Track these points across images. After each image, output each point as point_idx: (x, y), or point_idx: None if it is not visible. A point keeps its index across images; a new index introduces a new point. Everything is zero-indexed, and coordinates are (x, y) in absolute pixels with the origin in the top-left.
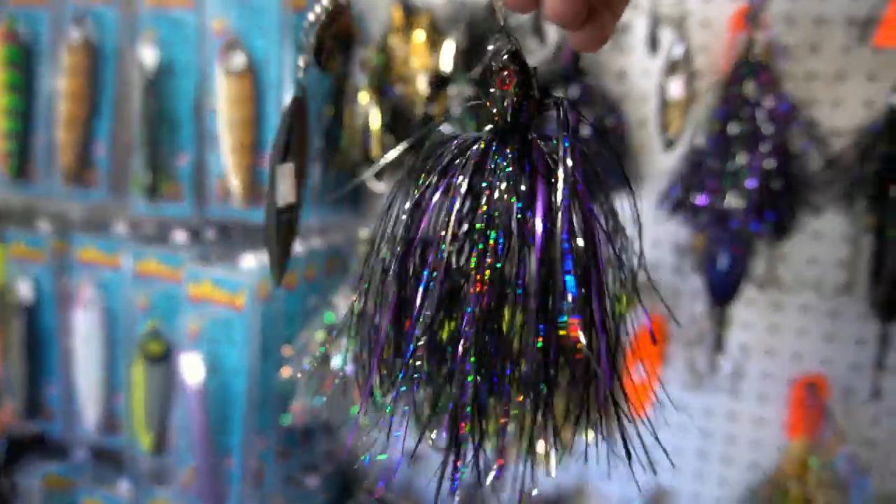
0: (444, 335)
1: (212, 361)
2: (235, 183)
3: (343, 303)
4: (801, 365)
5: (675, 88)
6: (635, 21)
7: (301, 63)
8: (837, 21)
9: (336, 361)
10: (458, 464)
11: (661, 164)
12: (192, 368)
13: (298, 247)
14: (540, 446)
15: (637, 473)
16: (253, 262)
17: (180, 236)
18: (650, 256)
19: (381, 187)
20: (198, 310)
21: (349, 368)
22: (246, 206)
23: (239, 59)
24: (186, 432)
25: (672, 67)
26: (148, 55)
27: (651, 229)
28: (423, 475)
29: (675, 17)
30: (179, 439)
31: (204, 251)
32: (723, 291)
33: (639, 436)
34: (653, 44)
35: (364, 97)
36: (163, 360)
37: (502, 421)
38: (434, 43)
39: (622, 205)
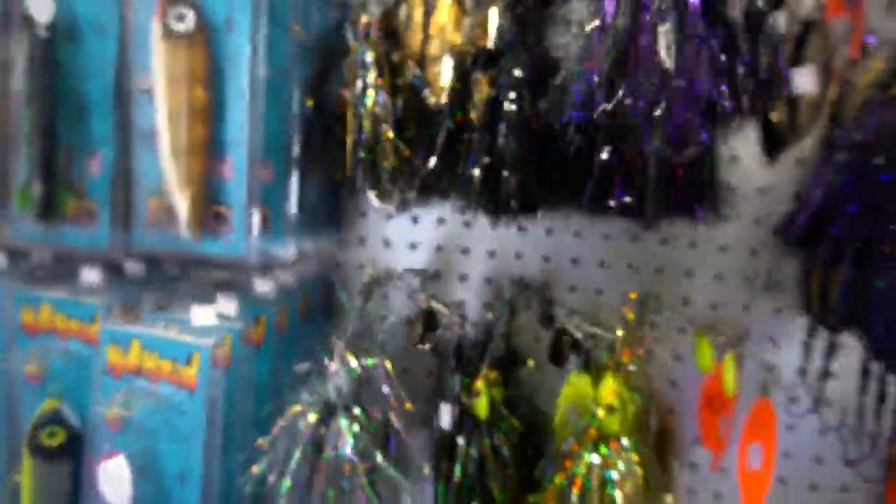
0: None
1: (146, 463)
2: (181, 199)
3: (339, 365)
4: None
5: (806, 81)
6: None
7: None
8: None
9: (333, 449)
10: None
11: (755, 179)
12: (114, 478)
13: (264, 286)
14: None
15: None
16: (209, 315)
17: (91, 275)
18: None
19: (384, 205)
20: (124, 385)
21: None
22: (196, 233)
23: (186, 18)
24: None
25: (799, 54)
26: (39, 6)
27: (741, 258)
28: None
29: None
30: None
31: (130, 297)
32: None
33: None
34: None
35: (370, 83)
36: (63, 454)
37: None
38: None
39: None
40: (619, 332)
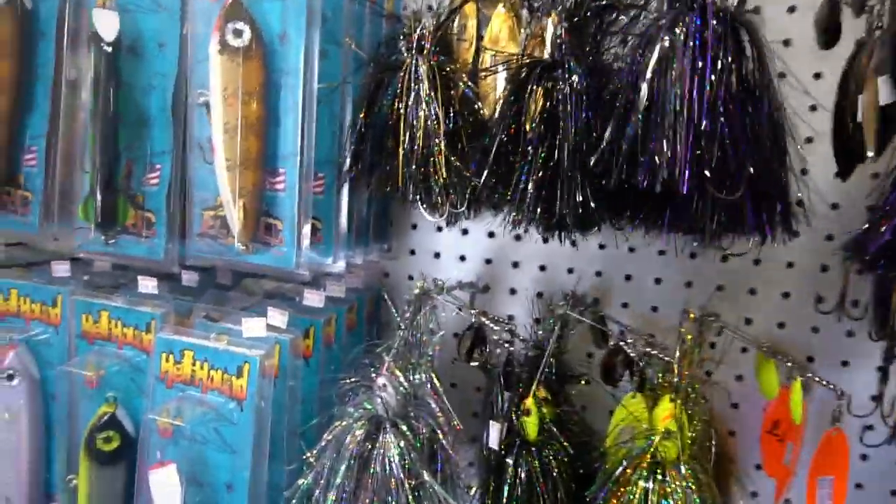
0: None
1: (195, 471)
2: (235, 212)
3: (388, 382)
4: None
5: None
6: None
7: None
8: None
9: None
10: None
11: (827, 194)
12: (165, 485)
13: (314, 299)
14: None
15: None
16: (261, 327)
17: (148, 284)
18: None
19: (434, 218)
20: (175, 395)
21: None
22: (248, 245)
23: (243, 34)
24: None
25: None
26: (105, 25)
27: (810, 276)
28: None
29: None
30: None
31: (184, 307)
32: None
33: None
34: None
35: (423, 96)
36: (118, 458)
37: None
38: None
39: None
40: (677, 352)
